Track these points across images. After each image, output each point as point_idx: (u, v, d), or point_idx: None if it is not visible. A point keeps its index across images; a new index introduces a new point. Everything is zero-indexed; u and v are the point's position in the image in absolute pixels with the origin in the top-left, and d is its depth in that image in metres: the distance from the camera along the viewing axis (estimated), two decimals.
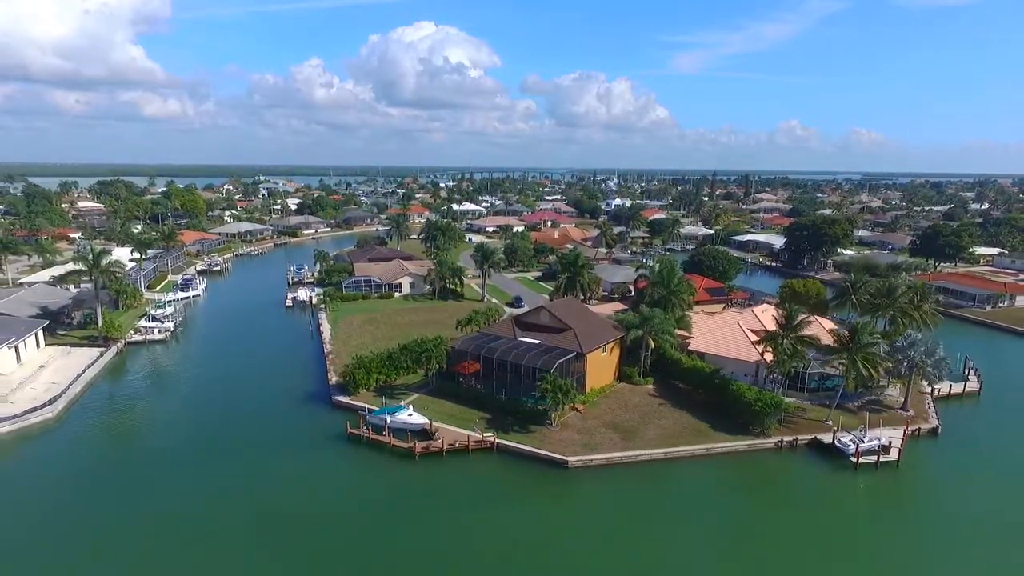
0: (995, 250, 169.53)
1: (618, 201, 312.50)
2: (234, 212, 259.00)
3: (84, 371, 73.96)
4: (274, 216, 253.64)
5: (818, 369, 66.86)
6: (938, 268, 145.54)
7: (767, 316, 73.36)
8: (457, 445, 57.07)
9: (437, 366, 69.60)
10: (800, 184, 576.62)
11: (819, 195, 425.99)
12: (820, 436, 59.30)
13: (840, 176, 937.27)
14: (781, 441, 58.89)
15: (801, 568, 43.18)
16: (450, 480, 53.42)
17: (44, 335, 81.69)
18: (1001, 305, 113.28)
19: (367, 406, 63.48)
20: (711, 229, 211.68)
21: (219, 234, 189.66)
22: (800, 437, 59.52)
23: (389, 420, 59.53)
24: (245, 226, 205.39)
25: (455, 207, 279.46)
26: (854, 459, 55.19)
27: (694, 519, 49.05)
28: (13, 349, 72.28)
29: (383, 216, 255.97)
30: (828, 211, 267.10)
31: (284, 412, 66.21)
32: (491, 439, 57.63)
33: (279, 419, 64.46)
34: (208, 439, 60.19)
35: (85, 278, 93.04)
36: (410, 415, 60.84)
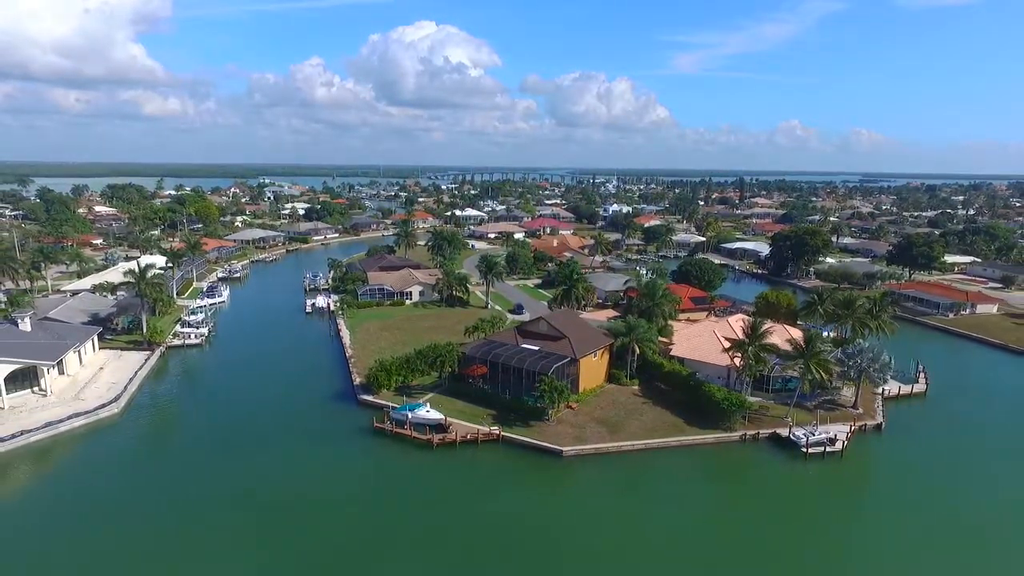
0: (970, 259, 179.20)
1: (615, 207, 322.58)
2: (244, 218, 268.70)
3: (136, 372, 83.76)
4: (283, 221, 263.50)
5: (780, 372, 76.63)
6: (912, 276, 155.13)
7: (739, 326, 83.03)
8: (468, 437, 66.68)
9: (450, 369, 79.20)
10: (797, 187, 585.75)
11: (814, 199, 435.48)
12: (778, 430, 69.03)
13: (839, 178, 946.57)
14: (745, 435, 68.75)
15: (757, 538, 52.58)
16: (462, 467, 63.04)
17: (97, 340, 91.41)
18: (963, 313, 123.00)
19: (390, 404, 73.13)
20: (703, 236, 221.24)
21: (235, 241, 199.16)
22: (762, 431, 69.34)
23: (410, 416, 68.97)
24: (259, 233, 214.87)
25: (458, 213, 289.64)
26: (805, 450, 65.07)
27: (669, 500, 58.74)
28: (77, 352, 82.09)
29: (388, 221, 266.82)
30: (816, 217, 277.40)
31: (315, 409, 75.48)
32: (497, 432, 67.14)
33: (311, 416, 73.69)
34: (247, 433, 68.96)
35: (133, 288, 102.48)
36: (428, 411, 70.18)
